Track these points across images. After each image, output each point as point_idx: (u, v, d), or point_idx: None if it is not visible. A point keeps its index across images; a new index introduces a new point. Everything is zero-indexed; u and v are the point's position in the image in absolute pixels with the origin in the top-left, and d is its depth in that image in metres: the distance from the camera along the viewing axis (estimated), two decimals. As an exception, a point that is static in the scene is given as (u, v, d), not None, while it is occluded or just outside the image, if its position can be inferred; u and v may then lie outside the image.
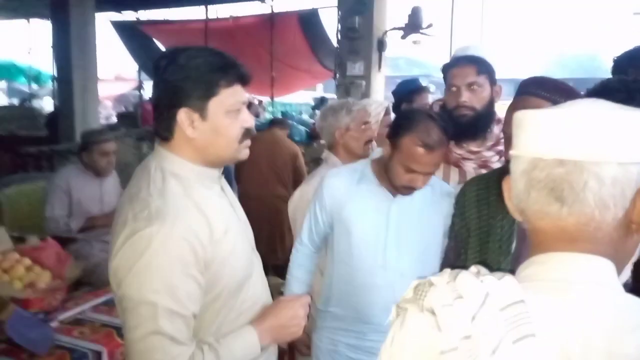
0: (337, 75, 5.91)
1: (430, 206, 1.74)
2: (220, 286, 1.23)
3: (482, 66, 1.84)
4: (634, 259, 0.75)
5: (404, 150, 1.58)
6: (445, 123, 1.60)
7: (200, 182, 1.24)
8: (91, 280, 2.46)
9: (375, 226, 1.72)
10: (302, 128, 7.41)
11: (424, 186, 1.64)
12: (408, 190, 1.66)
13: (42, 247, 2.31)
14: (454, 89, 1.87)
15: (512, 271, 0.72)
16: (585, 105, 0.71)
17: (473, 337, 0.63)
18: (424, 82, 3.32)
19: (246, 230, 1.39)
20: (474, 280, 0.67)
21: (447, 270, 0.70)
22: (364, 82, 5.64)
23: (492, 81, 1.88)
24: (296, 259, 1.89)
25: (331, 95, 9.50)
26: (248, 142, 1.29)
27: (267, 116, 8.95)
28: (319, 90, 15.27)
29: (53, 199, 3.05)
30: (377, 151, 1.86)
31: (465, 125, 1.85)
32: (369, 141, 2.39)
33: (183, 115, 1.19)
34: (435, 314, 0.66)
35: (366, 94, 5.52)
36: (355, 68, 5.62)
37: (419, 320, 0.68)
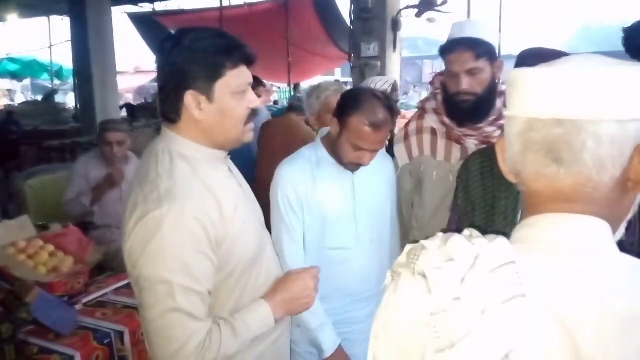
0: (352, 57, 5.88)
1: (379, 172, 1.84)
2: (233, 263, 1.25)
3: (480, 49, 1.76)
4: (629, 216, 0.73)
5: (352, 130, 1.63)
6: (390, 102, 1.65)
7: (207, 163, 1.26)
8: (113, 265, 2.54)
9: (344, 203, 1.76)
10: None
11: (370, 162, 1.69)
12: (355, 166, 1.71)
13: (65, 233, 2.39)
14: (452, 75, 1.81)
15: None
16: (580, 62, 0.68)
17: (462, 299, 0.63)
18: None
19: (255, 209, 1.42)
20: (465, 243, 0.66)
21: (440, 235, 0.70)
22: (379, 63, 5.59)
23: (493, 59, 1.81)
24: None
25: (348, 79, 9.46)
26: (252, 125, 1.30)
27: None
28: (337, 75, 15.20)
29: (71, 184, 3.15)
30: (323, 130, 1.88)
31: (467, 110, 1.82)
32: None
33: (190, 98, 1.20)
34: (426, 277, 0.66)
35: (381, 75, 5.48)
36: (370, 49, 5.57)
37: (411, 284, 0.68)
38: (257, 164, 3.50)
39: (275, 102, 11.33)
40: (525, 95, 0.69)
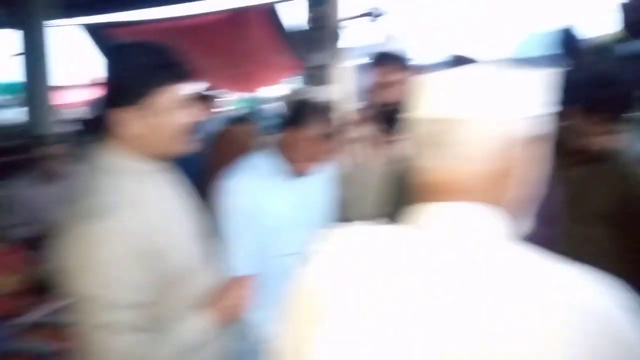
0: (303, 66, 5.93)
1: (322, 177, 1.93)
2: (169, 274, 1.27)
3: (404, 62, 1.92)
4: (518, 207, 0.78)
5: (300, 141, 1.69)
6: (331, 112, 1.74)
7: (143, 176, 1.28)
8: (56, 285, 2.48)
9: (293, 210, 1.81)
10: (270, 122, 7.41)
11: (316, 171, 1.79)
12: (303, 174, 1.79)
13: (8, 252, 2.34)
14: (380, 86, 1.96)
15: None
16: (466, 69, 0.76)
17: (334, 280, 0.75)
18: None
19: (195, 219, 1.43)
20: (349, 229, 0.79)
21: (340, 224, 0.84)
22: (328, 72, 5.66)
23: (418, 69, 1.95)
24: None
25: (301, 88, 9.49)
26: (189, 138, 1.32)
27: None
28: (289, 84, 15.13)
29: (12, 210, 3.06)
30: (267, 138, 1.96)
31: (395, 119, 1.94)
32: None
33: (123, 113, 1.22)
34: (310, 261, 0.82)
35: (331, 84, 5.54)
36: (318, 59, 5.64)
37: (302, 268, 0.83)
38: (204, 174, 3.51)
39: (228, 112, 11.23)
40: (418, 97, 0.78)
